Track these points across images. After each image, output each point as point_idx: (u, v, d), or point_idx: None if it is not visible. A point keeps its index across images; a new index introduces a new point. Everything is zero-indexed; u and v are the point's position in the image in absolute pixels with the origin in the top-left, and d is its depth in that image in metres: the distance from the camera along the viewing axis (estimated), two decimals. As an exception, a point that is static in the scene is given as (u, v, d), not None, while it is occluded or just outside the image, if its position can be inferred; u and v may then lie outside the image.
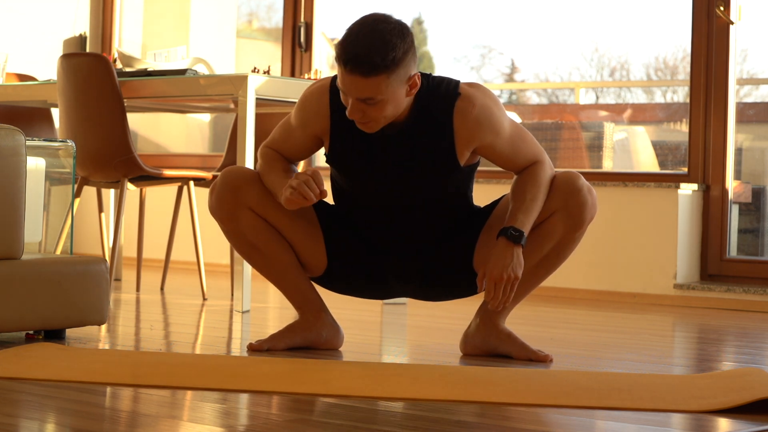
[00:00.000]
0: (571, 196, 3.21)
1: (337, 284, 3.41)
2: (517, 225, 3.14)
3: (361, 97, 3.00)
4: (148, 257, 6.30)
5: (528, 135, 3.22)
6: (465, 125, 3.12)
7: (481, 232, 3.31)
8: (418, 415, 2.43)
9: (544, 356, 3.24)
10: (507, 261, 3.11)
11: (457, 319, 4.17)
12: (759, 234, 6.00)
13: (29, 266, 3.39)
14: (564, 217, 3.22)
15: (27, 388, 2.61)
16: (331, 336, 3.39)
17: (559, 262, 3.30)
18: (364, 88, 2.98)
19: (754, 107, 6.81)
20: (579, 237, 3.27)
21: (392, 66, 2.97)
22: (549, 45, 7.71)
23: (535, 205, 3.17)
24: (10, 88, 5.29)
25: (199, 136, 7.82)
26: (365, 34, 2.98)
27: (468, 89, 3.14)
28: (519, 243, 3.12)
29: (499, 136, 3.15)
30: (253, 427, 2.27)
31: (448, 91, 3.13)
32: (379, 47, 2.96)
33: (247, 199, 3.28)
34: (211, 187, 3.34)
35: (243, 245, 3.34)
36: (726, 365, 3.44)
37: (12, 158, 3.35)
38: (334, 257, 3.34)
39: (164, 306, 4.71)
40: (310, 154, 3.31)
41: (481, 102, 3.12)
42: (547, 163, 3.24)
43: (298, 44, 6.57)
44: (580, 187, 3.22)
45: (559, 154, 6.64)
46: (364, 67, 2.96)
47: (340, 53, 2.99)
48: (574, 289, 5.54)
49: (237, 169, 3.34)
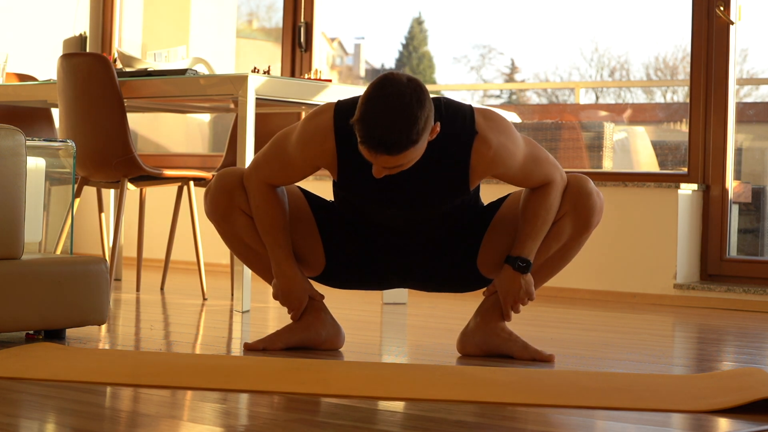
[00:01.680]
0: (580, 200, 3.25)
1: (335, 282, 3.42)
2: (525, 254, 3.23)
3: (388, 166, 2.94)
4: (148, 257, 6.30)
5: (542, 155, 3.20)
6: (481, 163, 3.09)
7: (486, 231, 3.32)
8: (418, 415, 2.43)
9: (547, 356, 3.25)
10: (517, 289, 3.26)
11: (456, 319, 4.17)
12: (759, 234, 6.00)
13: (29, 266, 3.39)
14: (572, 220, 3.26)
15: (27, 388, 2.61)
16: (331, 335, 3.38)
17: (563, 263, 3.36)
18: (393, 161, 2.92)
19: (754, 107, 6.82)
20: (585, 239, 3.33)
21: (418, 138, 2.90)
22: (549, 45, 7.71)
23: (544, 229, 3.24)
24: (10, 88, 5.29)
25: (199, 136, 7.82)
26: (385, 114, 2.87)
27: (484, 126, 3.08)
28: (526, 273, 3.25)
29: (512, 168, 3.15)
30: (253, 427, 2.27)
31: (464, 128, 3.07)
32: (402, 127, 2.87)
33: (242, 201, 3.28)
34: (206, 190, 3.34)
35: (239, 246, 3.35)
36: (726, 365, 3.44)
37: (12, 158, 3.35)
38: (333, 257, 3.34)
39: (164, 306, 4.71)
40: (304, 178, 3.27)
41: (497, 141, 3.08)
42: (559, 181, 3.23)
43: (298, 44, 6.57)
44: (590, 191, 3.27)
45: (559, 154, 6.64)
46: (393, 149, 2.88)
47: (364, 138, 2.89)
48: (574, 289, 5.54)
49: (230, 171, 3.32)
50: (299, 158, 3.16)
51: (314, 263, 3.36)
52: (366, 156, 2.93)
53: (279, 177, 3.24)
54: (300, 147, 3.14)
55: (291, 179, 3.25)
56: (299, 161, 3.17)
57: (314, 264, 3.36)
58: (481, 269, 3.33)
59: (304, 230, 3.33)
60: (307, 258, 3.35)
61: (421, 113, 2.89)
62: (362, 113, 2.90)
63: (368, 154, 2.92)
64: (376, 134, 2.87)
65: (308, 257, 3.35)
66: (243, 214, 3.29)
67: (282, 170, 3.22)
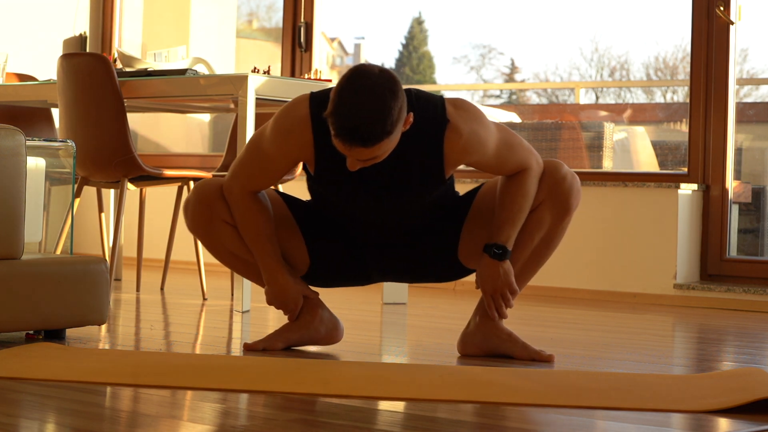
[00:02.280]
0: (556, 186, 3.25)
1: (320, 281, 3.42)
2: (501, 240, 3.21)
3: (363, 158, 2.94)
4: (148, 257, 6.30)
5: (516, 141, 3.20)
6: (454, 151, 3.10)
7: (465, 222, 3.32)
8: (418, 415, 2.43)
9: (546, 356, 3.25)
10: (496, 277, 3.23)
11: (456, 319, 4.17)
12: (759, 234, 6.00)
13: (29, 266, 3.39)
14: (550, 207, 3.26)
15: (27, 388, 2.61)
16: (329, 331, 3.39)
17: (549, 251, 3.34)
18: (368, 153, 2.93)
19: (754, 107, 6.82)
20: (567, 224, 3.31)
21: (392, 129, 2.91)
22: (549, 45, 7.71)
23: (520, 216, 3.22)
24: (10, 88, 5.29)
25: (199, 136, 7.82)
26: (359, 106, 2.87)
27: (455, 114, 3.09)
28: (503, 260, 3.21)
29: (486, 155, 3.15)
30: (253, 427, 2.27)
31: (436, 117, 3.09)
32: (376, 118, 2.87)
33: (223, 212, 3.26)
34: (185, 205, 3.31)
35: (226, 256, 3.35)
36: (726, 365, 3.44)
37: (12, 158, 3.35)
38: (316, 257, 3.34)
39: (164, 306, 4.71)
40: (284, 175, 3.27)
41: (469, 128, 3.09)
42: (535, 166, 3.23)
43: (298, 44, 6.57)
44: (564, 175, 3.26)
45: (559, 154, 6.64)
46: (367, 141, 2.88)
47: (337, 130, 2.88)
48: (574, 289, 5.54)
49: (208, 183, 3.30)
50: (277, 154, 3.14)
51: (299, 264, 3.35)
52: (340, 149, 2.93)
53: (259, 180, 3.22)
54: (277, 142, 3.13)
55: (271, 179, 3.23)
56: (278, 157, 3.15)
57: (299, 264, 3.35)
58: (462, 260, 3.34)
59: (286, 232, 3.32)
60: (292, 259, 3.34)
61: (395, 104, 2.89)
62: (335, 106, 2.90)
63: (342, 147, 2.92)
64: (350, 126, 2.87)
65: (292, 258, 3.34)
66: (226, 224, 3.27)
67: (261, 172, 3.20)
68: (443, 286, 5.71)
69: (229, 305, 4.67)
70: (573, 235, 5.54)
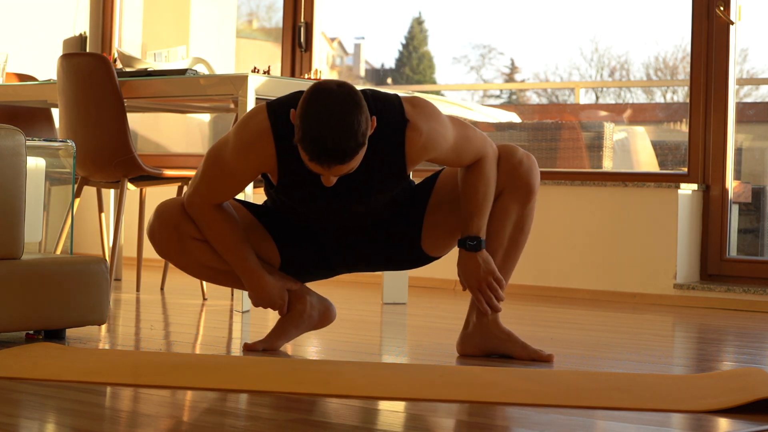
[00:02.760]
0: (513, 171, 3.26)
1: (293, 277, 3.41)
2: (473, 232, 3.22)
3: (339, 174, 2.95)
4: (148, 257, 6.29)
5: (471, 132, 3.21)
6: (414, 149, 3.11)
7: (426, 212, 3.33)
8: (418, 415, 2.43)
9: (546, 356, 3.25)
10: (476, 269, 3.23)
11: (456, 319, 4.17)
12: (759, 234, 6.00)
13: (29, 266, 3.39)
14: (513, 193, 3.27)
15: (27, 388, 2.61)
16: (322, 314, 3.40)
17: (524, 236, 3.34)
18: (345, 169, 2.94)
19: (754, 107, 6.82)
20: (533, 206, 3.32)
21: (364, 139, 2.92)
22: (549, 45, 7.71)
23: (486, 204, 3.23)
24: (10, 88, 5.29)
25: (199, 136, 7.82)
26: (329, 126, 2.87)
27: (413, 113, 3.10)
28: (479, 250, 3.21)
29: (445, 150, 3.16)
30: (253, 427, 2.27)
31: (395, 117, 3.09)
32: (347, 134, 2.88)
33: (190, 229, 3.24)
34: (149, 232, 3.27)
35: (203, 272, 3.34)
36: (726, 365, 3.44)
37: (12, 158, 3.35)
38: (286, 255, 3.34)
39: (164, 306, 4.71)
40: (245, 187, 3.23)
41: (427, 126, 3.11)
42: (491, 153, 3.24)
43: (298, 44, 6.57)
44: (520, 159, 3.28)
45: (559, 154, 6.64)
46: (343, 158, 2.90)
47: (313, 155, 2.89)
48: (574, 289, 5.54)
49: (167, 205, 3.27)
50: (240, 168, 3.12)
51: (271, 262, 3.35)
52: (317, 171, 2.94)
53: (221, 193, 3.20)
54: (240, 156, 3.10)
55: (233, 192, 3.21)
56: (240, 171, 3.13)
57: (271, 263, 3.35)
58: (425, 249, 3.35)
59: (255, 236, 3.31)
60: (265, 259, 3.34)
61: (361, 116, 2.91)
62: (304, 132, 2.90)
63: (320, 169, 2.93)
64: (326, 149, 2.87)
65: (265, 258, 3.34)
66: (195, 241, 3.25)
67: (223, 186, 3.18)
68: (443, 286, 5.71)
69: (229, 305, 4.67)
70: (573, 235, 5.54)
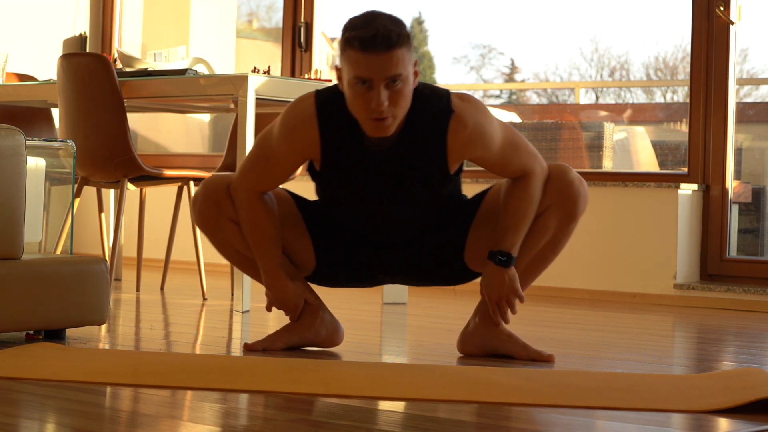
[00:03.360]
0: (563, 190, 3.23)
1: (326, 281, 3.42)
2: (506, 247, 3.20)
3: (389, 75, 2.96)
4: (148, 257, 6.29)
5: (521, 143, 3.19)
6: (457, 142, 3.10)
7: (471, 227, 3.31)
8: (418, 415, 2.43)
9: (546, 356, 3.25)
10: (501, 284, 3.22)
11: (456, 319, 4.17)
12: (759, 234, 6.00)
13: (29, 266, 3.39)
14: (557, 212, 3.24)
15: (27, 388, 2.61)
16: (330, 334, 3.38)
17: (554, 255, 3.33)
18: (390, 63, 2.95)
19: (754, 107, 6.82)
20: (572, 229, 3.30)
21: (407, 40, 2.98)
22: (549, 45, 7.71)
23: (525, 222, 3.21)
24: (10, 88, 5.29)
25: (199, 136, 7.82)
26: (372, 19, 2.98)
27: (460, 105, 3.11)
28: (508, 267, 3.20)
29: (491, 150, 3.14)
30: (253, 427, 2.27)
31: (440, 107, 3.10)
32: (390, 25, 2.97)
33: (230, 210, 3.26)
34: (193, 200, 3.32)
35: (231, 253, 3.35)
36: (726, 365, 3.44)
37: (12, 158, 3.35)
38: (322, 257, 3.33)
39: (164, 306, 4.71)
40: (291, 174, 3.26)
41: (474, 120, 3.10)
42: (539, 171, 3.21)
43: (298, 44, 6.57)
44: (572, 180, 3.24)
45: (559, 154, 6.64)
46: (386, 42, 2.94)
47: (356, 39, 2.96)
48: (574, 289, 5.54)
49: (216, 180, 3.29)
50: (285, 151, 3.14)
51: (305, 264, 3.35)
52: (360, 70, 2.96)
53: (266, 179, 3.22)
54: (284, 138, 3.13)
55: (278, 178, 3.23)
56: (285, 154, 3.15)
57: (305, 264, 3.35)
58: (468, 263, 3.33)
59: (293, 232, 3.32)
60: (298, 259, 3.34)
61: (404, 24, 3.01)
62: (352, 25, 3.01)
63: (362, 64, 2.96)
64: (368, 32, 2.95)
65: (299, 258, 3.34)
66: (232, 222, 3.27)
67: (269, 171, 3.20)
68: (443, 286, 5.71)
69: (229, 305, 4.67)
70: (573, 235, 5.54)
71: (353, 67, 2.98)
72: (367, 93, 2.98)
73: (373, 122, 3.01)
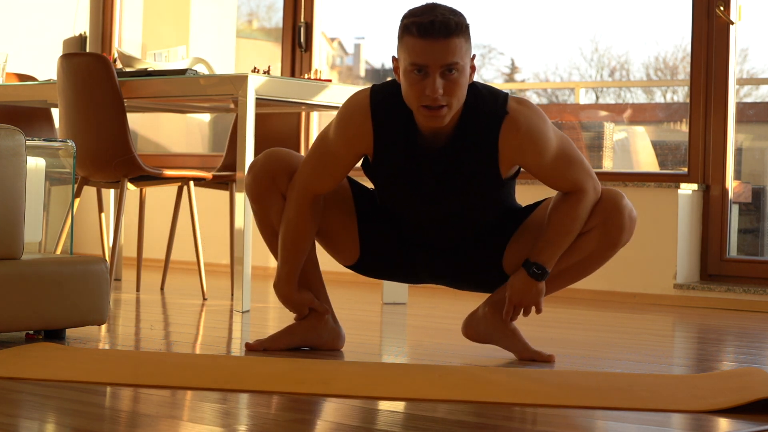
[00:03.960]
0: (612, 217, 3.17)
1: (367, 273, 3.41)
2: (542, 261, 3.16)
3: (445, 62, 2.94)
4: (148, 257, 6.30)
5: (577, 158, 3.14)
6: (509, 145, 3.06)
7: (514, 234, 3.27)
8: (418, 415, 2.43)
9: (546, 356, 3.24)
10: (527, 293, 3.20)
11: (456, 319, 4.17)
12: (759, 234, 6.00)
13: (29, 266, 3.39)
14: (600, 235, 3.19)
15: (27, 388, 2.61)
16: (331, 338, 3.38)
17: (581, 276, 3.29)
18: (447, 51, 2.94)
19: (754, 107, 6.82)
20: (609, 257, 3.24)
21: (466, 30, 2.98)
22: (549, 45, 7.71)
23: (567, 239, 3.16)
24: (10, 88, 5.29)
25: (199, 136, 7.82)
26: (432, 8, 2.99)
27: (516, 107, 3.07)
28: (540, 281, 3.18)
29: (543, 158, 3.09)
30: (253, 427, 2.27)
31: (495, 108, 3.06)
32: (450, 13, 2.97)
33: (283, 186, 3.25)
34: (251, 165, 3.29)
35: (267, 231, 3.33)
36: (726, 365, 3.44)
37: (12, 158, 3.35)
38: (367, 250, 3.32)
39: (164, 306, 4.71)
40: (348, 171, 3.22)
41: (528, 124, 3.05)
42: (591, 191, 3.16)
43: (298, 44, 6.57)
44: (623, 208, 3.18)
45: (559, 154, 6.63)
46: (444, 29, 2.94)
47: (414, 26, 2.95)
48: (574, 289, 5.53)
49: (278, 154, 3.27)
50: (339, 145, 3.13)
51: (349, 253, 3.34)
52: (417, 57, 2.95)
53: (322, 176, 3.19)
54: (339, 132, 3.13)
55: (334, 176, 3.19)
56: (340, 148, 3.14)
57: (349, 254, 3.34)
58: (507, 271, 3.29)
59: (342, 219, 3.31)
60: (341, 248, 3.34)
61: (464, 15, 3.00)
62: (411, 12, 3.01)
63: (420, 50, 2.95)
64: (427, 18, 2.95)
65: (342, 248, 3.33)
66: (281, 198, 3.26)
67: (324, 166, 3.18)
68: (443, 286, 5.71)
69: (229, 305, 4.67)
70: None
71: (410, 53, 2.97)
72: (422, 81, 2.97)
73: (427, 111, 2.98)
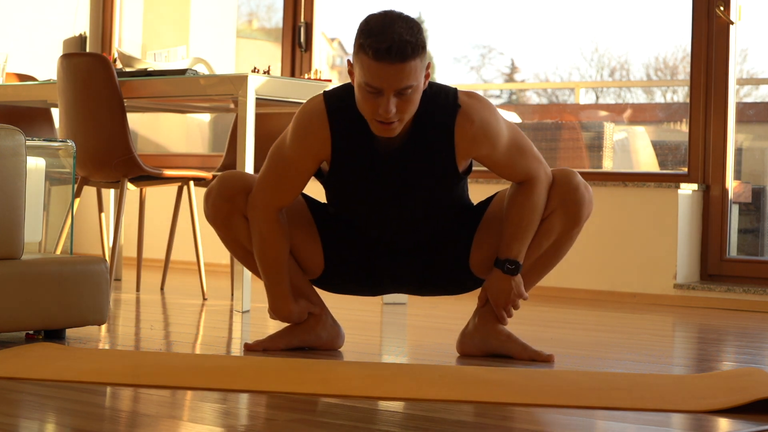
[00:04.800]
0: (568, 195, 3.22)
1: (332, 287, 3.41)
2: (512, 255, 3.20)
3: (400, 86, 2.94)
4: (148, 257, 6.30)
5: (527, 146, 3.19)
6: (464, 138, 3.09)
7: (476, 231, 3.30)
8: (418, 415, 2.43)
9: (546, 356, 3.25)
10: (507, 291, 3.24)
11: (456, 319, 4.17)
12: (759, 234, 6.00)
13: (29, 266, 3.39)
14: (561, 216, 3.23)
15: (27, 388, 2.61)
16: (331, 337, 3.38)
17: (557, 259, 3.33)
18: (402, 75, 2.93)
19: (754, 107, 6.82)
20: (576, 234, 3.29)
21: (422, 48, 2.95)
22: (549, 45, 7.71)
23: (531, 229, 3.21)
24: (10, 88, 5.29)
25: (199, 136, 7.82)
26: (389, 26, 2.93)
27: (467, 101, 3.10)
28: (516, 275, 3.22)
29: (497, 149, 3.13)
30: (253, 427, 2.27)
31: (447, 103, 3.09)
32: (407, 34, 2.93)
33: (243, 207, 3.25)
34: (207, 193, 3.29)
35: (239, 251, 3.34)
36: (726, 365, 3.44)
37: (12, 158, 3.35)
38: (331, 261, 3.33)
39: (164, 306, 4.71)
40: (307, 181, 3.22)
41: (480, 116, 3.09)
42: (543, 177, 3.20)
43: (298, 44, 6.57)
44: (577, 185, 3.23)
45: (559, 154, 6.64)
46: (400, 55, 2.91)
47: (372, 48, 2.92)
48: (574, 289, 5.54)
49: (232, 176, 3.27)
50: (298, 154, 3.12)
51: (313, 267, 3.34)
52: (373, 80, 2.93)
53: (283, 189, 3.18)
54: (297, 141, 3.12)
55: (295, 187, 3.18)
56: (299, 158, 3.13)
57: (313, 268, 3.34)
58: (473, 270, 3.32)
59: (304, 235, 3.31)
60: (306, 263, 3.34)
61: (421, 30, 2.96)
62: (367, 31, 2.95)
63: (376, 73, 2.92)
64: (384, 40, 2.91)
65: (307, 262, 3.33)
66: (244, 219, 3.26)
67: (285, 179, 3.16)
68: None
69: (229, 305, 4.67)
70: (573, 235, 5.54)
71: (365, 73, 2.95)
72: (376, 99, 2.97)
73: (379, 124, 3.01)
